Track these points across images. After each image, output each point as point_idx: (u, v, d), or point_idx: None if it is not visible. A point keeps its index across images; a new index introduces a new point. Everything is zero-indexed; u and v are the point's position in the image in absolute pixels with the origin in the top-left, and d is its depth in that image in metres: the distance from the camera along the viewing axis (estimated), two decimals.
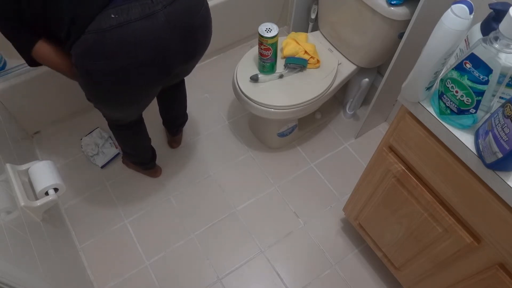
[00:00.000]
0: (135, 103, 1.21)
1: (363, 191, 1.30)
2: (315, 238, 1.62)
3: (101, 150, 1.77)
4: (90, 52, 0.97)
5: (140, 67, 1.03)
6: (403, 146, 1.01)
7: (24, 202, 1.09)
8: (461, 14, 0.68)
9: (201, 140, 1.86)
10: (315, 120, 1.88)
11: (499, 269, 0.92)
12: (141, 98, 1.19)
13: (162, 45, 1.02)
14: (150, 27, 0.98)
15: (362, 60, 1.63)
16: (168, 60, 1.07)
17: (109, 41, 0.95)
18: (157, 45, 1.01)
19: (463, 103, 0.77)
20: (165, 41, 1.02)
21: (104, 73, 1.01)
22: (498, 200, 0.82)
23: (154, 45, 1.01)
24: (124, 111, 1.27)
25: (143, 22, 0.96)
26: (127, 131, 1.44)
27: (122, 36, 0.95)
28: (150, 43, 1.00)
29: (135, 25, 0.96)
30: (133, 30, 0.96)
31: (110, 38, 0.95)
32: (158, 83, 1.15)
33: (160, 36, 1.01)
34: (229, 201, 1.70)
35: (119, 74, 1.02)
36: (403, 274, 1.33)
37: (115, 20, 0.93)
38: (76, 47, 0.97)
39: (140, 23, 0.96)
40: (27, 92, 1.63)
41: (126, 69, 1.01)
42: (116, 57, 0.98)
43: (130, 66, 1.01)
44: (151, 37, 0.99)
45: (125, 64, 1.00)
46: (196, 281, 1.51)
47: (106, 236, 1.60)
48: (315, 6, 1.79)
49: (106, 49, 0.96)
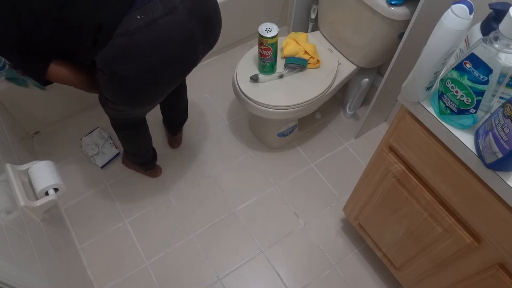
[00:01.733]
0: (157, 99, 1.24)
1: (363, 191, 1.30)
2: (315, 238, 1.62)
3: (101, 150, 1.77)
4: (120, 56, 0.97)
5: (169, 62, 1.05)
6: (403, 146, 1.01)
7: (24, 202, 1.09)
8: (461, 14, 0.68)
9: (201, 140, 1.86)
10: (315, 120, 1.88)
11: (499, 269, 0.92)
12: (165, 93, 1.21)
13: (188, 36, 1.05)
14: (175, 21, 1.00)
15: (362, 60, 1.63)
16: (194, 49, 1.11)
17: (138, 43, 0.96)
18: (183, 37, 1.04)
19: (463, 103, 0.77)
20: (190, 32, 1.05)
21: (136, 74, 1.02)
22: (498, 200, 0.82)
23: (181, 38, 1.03)
24: (143, 108, 1.28)
25: (168, 18, 0.98)
26: (131, 130, 1.44)
27: (151, 35, 0.97)
28: (178, 37, 1.02)
29: (161, 22, 0.97)
30: (160, 27, 0.97)
31: (139, 39, 0.96)
32: (185, 74, 1.18)
33: (185, 28, 1.03)
34: (229, 201, 1.70)
35: (149, 73, 1.04)
36: (403, 274, 1.33)
37: (142, 20, 0.94)
38: (104, 53, 0.97)
39: (165, 19, 0.98)
40: (27, 92, 1.63)
41: (155, 67, 1.03)
42: (147, 57, 1.00)
43: (160, 63, 1.03)
44: (178, 31, 1.02)
45: (155, 62, 1.02)
46: (196, 281, 1.51)
47: (106, 236, 1.60)
48: (315, 6, 1.79)
49: (137, 51, 0.98)
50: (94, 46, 0.96)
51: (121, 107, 1.23)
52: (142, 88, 1.08)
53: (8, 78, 1.53)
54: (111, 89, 1.11)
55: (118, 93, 1.12)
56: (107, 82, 1.06)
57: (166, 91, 1.21)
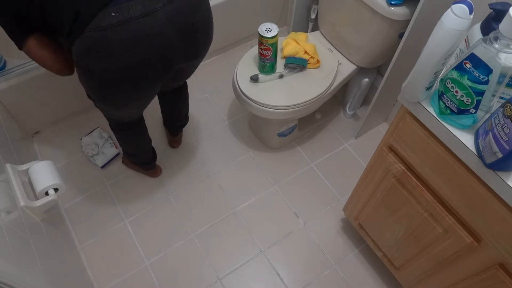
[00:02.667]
0: (135, 101, 1.21)
1: (363, 191, 1.30)
2: (315, 238, 1.62)
3: (101, 150, 1.77)
4: (91, 51, 0.97)
5: (140, 65, 1.03)
6: (403, 146, 1.01)
7: (24, 202, 1.09)
8: (461, 14, 0.68)
9: (201, 140, 1.86)
10: (315, 120, 1.88)
11: (499, 269, 0.92)
12: (141, 96, 1.19)
13: (162, 42, 1.02)
14: (150, 25, 0.97)
15: (362, 60, 1.63)
16: (168, 57, 1.07)
17: (109, 40, 0.95)
18: (157, 42, 1.01)
19: (463, 103, 0.77)
20: (166, 38, 1.02)
21: (106, 71, 1.01)
22: (498, 200, 0.82)
23: (154, 42, 1.01)
24: (124, 109, 1.26)
25: (144, 20, 0.96)
26: (128, 131, 1.44)
27: (122, 34, 0.95)
28: (151, 41, 1.00)
29: (136, 23, 0.95)
30: (133, 28, 0.95)
31: (110, 36, 0.94)
32: (158, 80, 1.14)
33: (161, 33, 1.01)
34: (229, 201, 1.70)
35: (119, 72, 1.02)
36: (403, 274, 1.33)
37: (115, 18, 0.93)
38: (77, 45, 0.97)
39: (141, 20, 0.96)
40: (27, 92, 1.63)
41: (126, 68, 1.01)
42: (117, 55, 0.98)
43: (131, 64, 1.01)
44: (152, 35, 0.99)
45: (126, 62, 1.00)
46: (196, 281, 1.51)
47: (106, 236, 1.60)
48: (315, 6, 1.79)
49: (106, 48, 0.96)
50: (69, 36, 0.96)
51: (101, 105, 1.22)
52: (115, 86, 1.07)
53: None
54: (86, 84, 1.10)
55: (93, 89, 1.11)
56: (81, 75, 1.06)
57: (144, 94, 1.18)
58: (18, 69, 1.57)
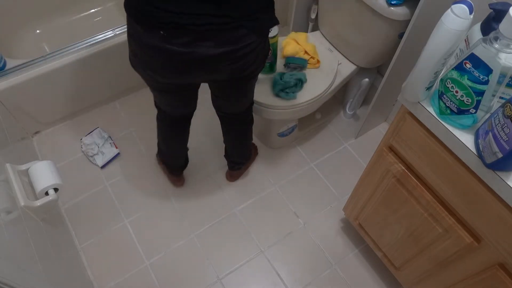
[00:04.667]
0: (157, 84, 1.21)
1: (363, 191, 1.30)
2: (315, 238, 1.62)
3: (101, 150, 1.77)
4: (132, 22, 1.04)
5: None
6: (403, 146, 1.01)
7: (24, 202, 1.09)
8: (461, 14, 0.68)
9: (201, 140, 1.86)
10: (315, 120, 1.88)
11: (499, 269, 0.92)
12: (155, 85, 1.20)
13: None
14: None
15: (362, 60, 1.63)
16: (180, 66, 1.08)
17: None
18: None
19: (463, 103, 0.77)
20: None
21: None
22: (498, 200, 0.82)
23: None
24: (149, 84, 1.25)
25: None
26: (165, 121, 1.42)
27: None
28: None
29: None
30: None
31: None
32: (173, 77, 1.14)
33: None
34: (229, 201, 1.70)
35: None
36: (403, 274, 1.33)
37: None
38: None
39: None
40: (27, 92, 1.63)
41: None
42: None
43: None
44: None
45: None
46: (196, 281, 1.51)
47: (106, 236, 1.60)
48: (315, 6, 1.79)
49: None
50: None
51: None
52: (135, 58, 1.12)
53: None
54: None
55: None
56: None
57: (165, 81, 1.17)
58: (18, 69, 1.57)
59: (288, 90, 1.49)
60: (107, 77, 1.81)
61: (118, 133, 1.85)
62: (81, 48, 1.64)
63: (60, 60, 1.62)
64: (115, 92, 1.92)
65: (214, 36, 0.98)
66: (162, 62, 1.05)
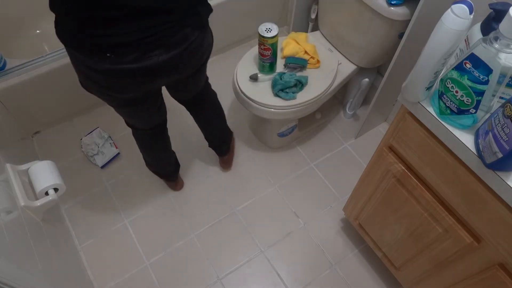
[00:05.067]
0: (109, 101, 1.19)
1: (363, 191, 1.30)
2: (315, 238, 1.62)
3: (101, 150, 1.77)
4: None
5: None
6: (403, 146, 1.01)
7: (24, 202, 1.09)
8: (461, 14, 0.68)
9: (201, 140, 1.86)
10: (315, 120, 1.88)
11: (499, 269, 0.92)
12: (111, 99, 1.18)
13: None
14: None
15: (362, 60, 1.63)
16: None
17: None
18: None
19: (463, 103, 0.77)
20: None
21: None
22: (498, 200, 0.82)
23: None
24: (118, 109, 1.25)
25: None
26: (142, 136, 1.41)
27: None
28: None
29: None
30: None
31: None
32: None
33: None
34: (229, 201, 1.70)
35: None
36: (403, 274, 1.33)
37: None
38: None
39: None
40: (27, 92, 1.63)
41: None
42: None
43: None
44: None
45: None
46: (196, 281, 1.51)
47: (106, 236, 1.60)
48: (315, 6, 1.79)
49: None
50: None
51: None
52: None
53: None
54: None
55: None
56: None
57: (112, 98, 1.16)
58: (18, 69, 1.57)
59: (288, 90, 1.49)
60: None
61: (118, 133, 1.85)
62: None
63: (60, 60, 1.62)
64: None
65: (162, 44, 0.98)
66: (118, 80, 1.03)
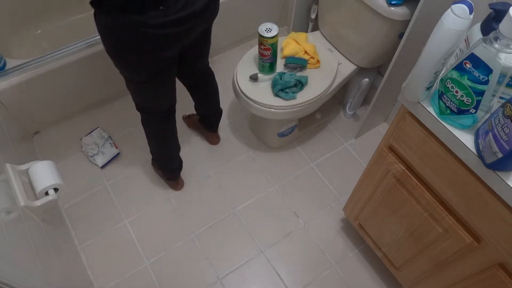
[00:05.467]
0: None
1: (363, 191, 1.30)
2: (315, 238, 1.62)
3: (101, 150, 1.77)
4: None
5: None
6: (403, 146, 1.01)
7: (24, 202, 1.09)
8: (461, 14, 0.68)
9: (201, 140, 1.86)
10: (315, 120, 1.88)
11: (499, 269, 0.92)
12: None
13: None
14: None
15: (362, 60, 1.63)
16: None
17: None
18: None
19: (463, 103, 0.77)
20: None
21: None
22: (498, 200, 0.82)
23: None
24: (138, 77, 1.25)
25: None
26: (154, 120, 1.42)
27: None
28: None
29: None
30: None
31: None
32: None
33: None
34: (229, 201, 1.70)
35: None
36: (403, 274, 1.33)
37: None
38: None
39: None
40: (27, 92, 1.63)
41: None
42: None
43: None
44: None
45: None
46: (196, 281, 1.51)
47: (106, 236, 1.60)
48: (315, 6, 1.79)
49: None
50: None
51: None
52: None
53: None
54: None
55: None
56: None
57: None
58: (18, 69, 1.57)
59: (288, 90, 1.49)
60: (107, 77, 1.81)
61: (118, 133, 1.86)
62: (81, 48, 1.64)
63: (60, 60, 1.62)
64: (115, 92, 1.92)
65: None
66: (169, 32, 1.08)
